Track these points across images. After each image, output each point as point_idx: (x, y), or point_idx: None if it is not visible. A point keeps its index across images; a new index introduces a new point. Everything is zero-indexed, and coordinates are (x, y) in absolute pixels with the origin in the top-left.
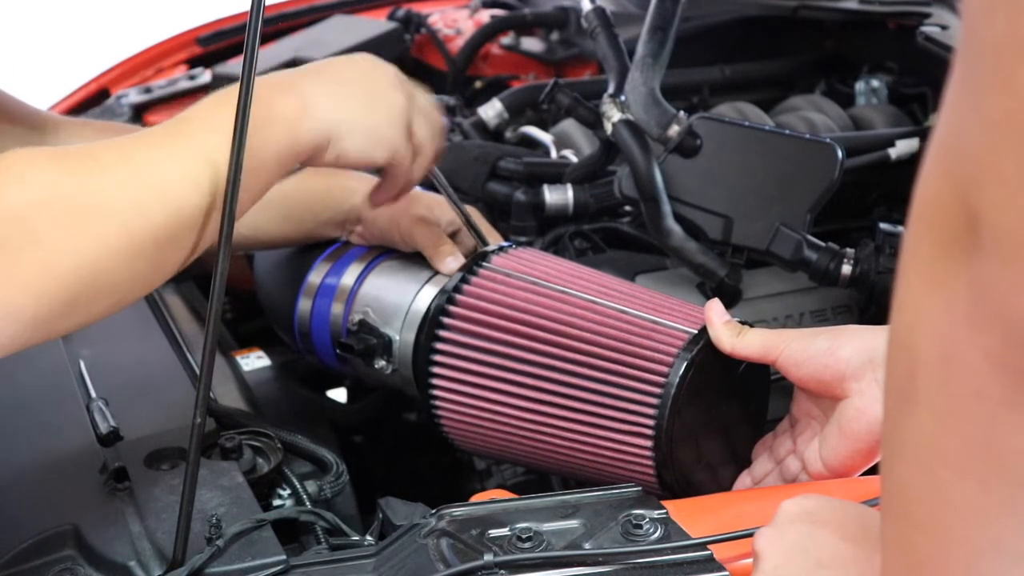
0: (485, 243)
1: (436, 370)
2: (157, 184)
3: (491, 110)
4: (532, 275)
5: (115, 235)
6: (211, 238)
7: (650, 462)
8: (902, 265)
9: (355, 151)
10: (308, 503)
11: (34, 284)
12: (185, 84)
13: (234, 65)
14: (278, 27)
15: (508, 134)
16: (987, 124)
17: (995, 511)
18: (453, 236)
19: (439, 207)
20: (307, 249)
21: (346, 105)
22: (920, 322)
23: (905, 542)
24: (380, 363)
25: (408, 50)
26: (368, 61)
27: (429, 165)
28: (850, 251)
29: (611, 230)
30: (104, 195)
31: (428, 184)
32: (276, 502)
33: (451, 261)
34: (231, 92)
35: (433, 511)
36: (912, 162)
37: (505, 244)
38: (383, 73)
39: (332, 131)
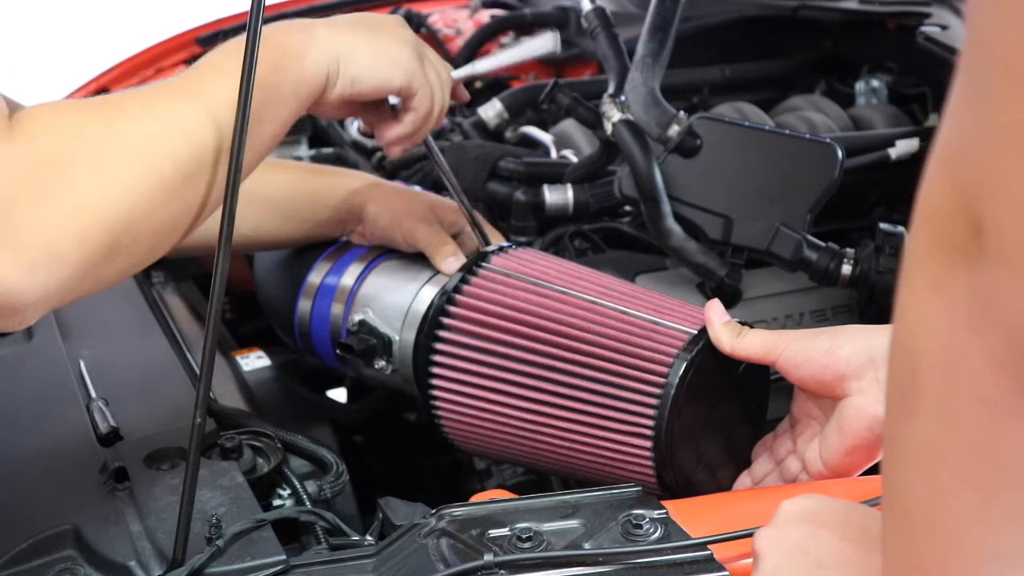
0: (487, 242)
1: (436, 370)
2: (179, 125)
3: (491, 110)
4: (532, 275)
5: (146, 175)
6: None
7: (650, 462)
8: (905, 269)
9: (369, 73)
10: (308, 503)
11: (74, 226)
12: None
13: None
14: None
15: (508, 134)
16: (993, 132)
17: (997, 517)
18: (455, 237)
19: (440, 208)
20: (307, 249)
21: (351, 34)
22: (922, 326)
23: (907, 546)
24: (380, 363)
25: None
26: (371, 14)
27: (446, 100)
28: (850, 251)
29: (611, 230)
30: (130, 137)
31: (430, 184)
32: (276, 502)
33: (453, 261)
34: (241, 40)
35: (433, 511)
36: (912, 162)
37: (505, 244)
38: (387, 17)
39: (340, 55)
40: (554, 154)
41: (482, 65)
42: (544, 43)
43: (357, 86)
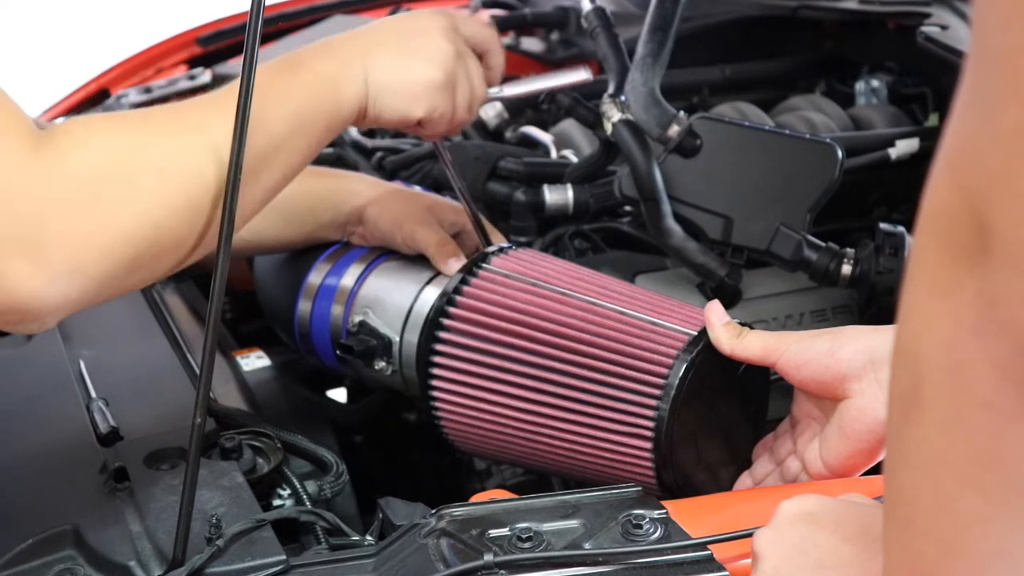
0: (489, 242)
1: (436, 371)
2: (210, 144)
3: (491, 110)
4: (532, 276)
5: (174, 193)
6: (256, 197)
7: (650, 463)
8: (909, 272)
9: (391, 110)
10: (308, 503)
11: (100, 241)
12: (185, 84)
13: (234, 65)
14: (278, 27)
15: (508, 134)
16: (1000, 135)
17: (1002, 521)
18: (455, 237)
19: (440, 208)
20: (307, 250)
21: (385, 63)
22: (926, 330)
23: (910, 549)
24: (380, 364)
25: None
26: (419, 15)
27: (461, 125)
28: (850, 251)
29: (611, 230)
30: (161, 155)
31: (431, 184)
32: (276, 502)
33: (454, 262)
34: (283, 59)
35: (433, 511)
36: (912, 162)
37: (505, 245)
38: (432, 24)
39: (371, 90)
40: (554, 154)
41: (509, 89)
42: (577, 75)
43: (380, 121)
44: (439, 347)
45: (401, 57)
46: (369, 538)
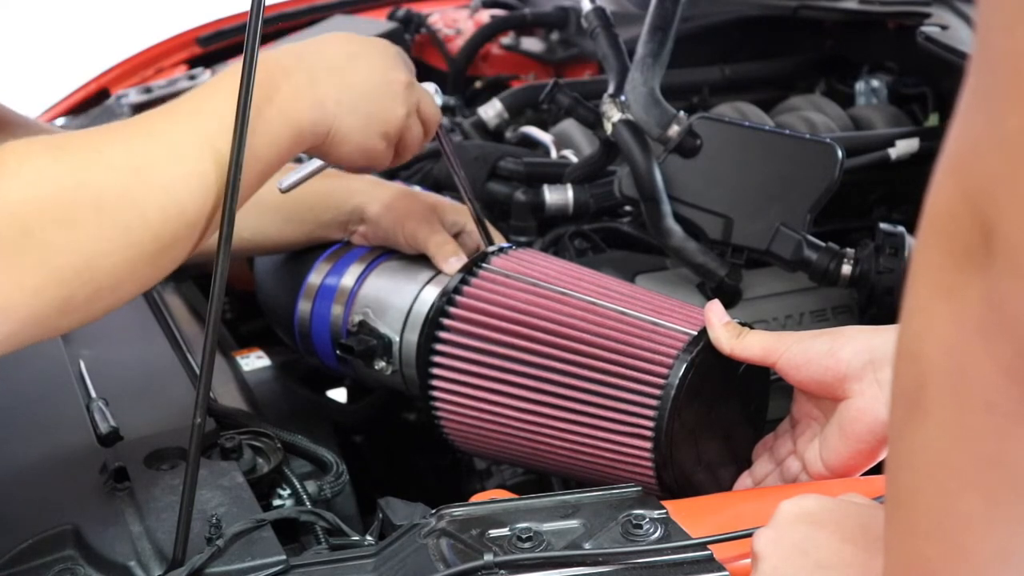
0: (491, 240)
1: (436, 371)
2: (159, 184)
3: (491, 110)
4: (532, 276)
5: (113, 234)
6: (211, 236)
7: (650, 463)
8: (911, 274)
9: (347, 156)
10: (308, 503)
11: (30, 282)
12: (185, 84)
13: (233, 64)
14: (278, 27)
15: (508, 134)
16: (1004, 137)
17: (1004, 523)
18: (456, 237)
19: (441, 208)
20: (307, 250)
21: (353, 112)
22: (929, 332)
23: (911, 550)
24: (380, 364)
25: (408, 50)
26: (386, 65)
27: (430, 136)
28: (850, 251)
29: (611, 230)
30: (103, 193)
31: (430, 184)
32: (276, 502)
33: (454, 261)
34: (236, 74)
35: (433, 511)
36: (912, 162)
37: (505, 245)
38: (396, 78)
39: (332, 134)
40: (554, 154)
41: (288, 180)
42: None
43: (328, 158)
44: (439, 347)
45: (367, 113)
46: (369, 538)
